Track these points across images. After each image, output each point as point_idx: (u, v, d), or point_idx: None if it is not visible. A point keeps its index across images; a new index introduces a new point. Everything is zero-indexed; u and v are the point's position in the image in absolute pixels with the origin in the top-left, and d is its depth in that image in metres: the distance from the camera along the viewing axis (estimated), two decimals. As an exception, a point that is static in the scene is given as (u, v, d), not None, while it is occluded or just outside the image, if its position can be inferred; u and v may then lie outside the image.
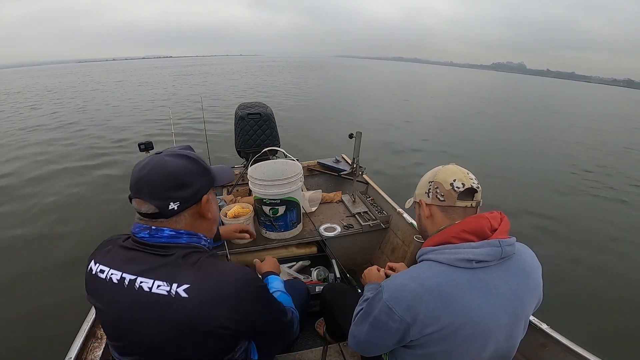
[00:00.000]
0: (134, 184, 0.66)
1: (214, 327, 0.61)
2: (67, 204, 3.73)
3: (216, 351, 0.66)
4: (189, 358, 0.64)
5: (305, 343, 1.49)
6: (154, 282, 0.62)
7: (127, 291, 0.62)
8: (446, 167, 0.79)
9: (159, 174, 0.64)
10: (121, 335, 0.66)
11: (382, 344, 0.75)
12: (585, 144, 7.64)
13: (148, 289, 0.61)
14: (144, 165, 0.66)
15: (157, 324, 0.61)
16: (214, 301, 0.61)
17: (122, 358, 0.68)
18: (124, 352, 0.67)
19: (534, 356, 1.05)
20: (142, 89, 16.50)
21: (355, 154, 2.05)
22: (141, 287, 0.62)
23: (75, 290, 2.20)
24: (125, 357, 0.67)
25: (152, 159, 0.67)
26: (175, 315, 0.60)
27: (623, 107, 19.72)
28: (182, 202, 0.66)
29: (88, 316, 1.07)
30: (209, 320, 0.61)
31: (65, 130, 7.36)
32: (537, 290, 0.74)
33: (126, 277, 0.63)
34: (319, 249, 1.85)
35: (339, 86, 19.33)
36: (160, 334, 0.61)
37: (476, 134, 8.06)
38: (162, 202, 0.64)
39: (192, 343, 0.62)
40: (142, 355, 0.65)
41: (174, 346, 0.62)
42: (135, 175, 0.66)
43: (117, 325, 0.66)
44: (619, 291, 2.54)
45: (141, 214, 0.67)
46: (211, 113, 8.90)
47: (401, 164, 5.36)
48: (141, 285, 0.62)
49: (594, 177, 5.33)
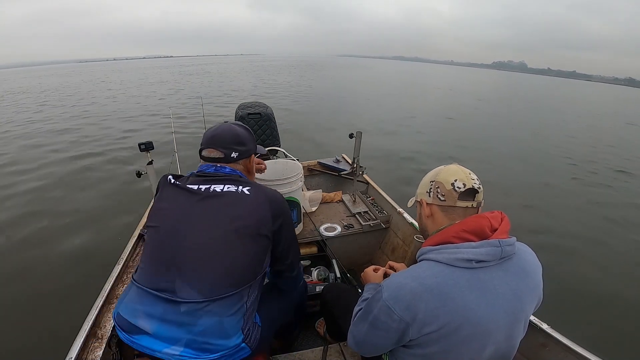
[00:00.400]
0: (208, 138, 0.95)
1: (260, 219, 0.84)
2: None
3: (251, 252, 0.84)
4: (231, 251, 0.81)
5: (306, 343, 1.49)
6: (225, 185, 0.87)
7: (202, 192, 0.85)
8: (448, 167, 0.79)
9: (228, 133, 0.96)
10: (176, 229, 0.83)
11: (381, 343, 0.75)
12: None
13: (220, 189, 0.86)
14: (216, 128, 0.97)
15: (218, 216, 0.83)
16: (264, 199, 0.88)
17: (156, 262, 0.82)
18: (166, 248, 0.82)
19: (534, 356, 1.04)
20: (145, 88, 16.52)
21: (356, 153, 2.05)
22: (214, 189, 0.86)
23: (76, 290, 2.21)
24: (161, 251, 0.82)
25: (223, 124, 0.99)
26: (235, 206, 0.84)
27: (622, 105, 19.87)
28: (239, 154, 0.95)
29: (88, 316, 1.08)
30: (256, 211, 0.85)
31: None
32: (537, 290, 0.74)
33: (202, 186, 0.87)
34: (319, 248, 1.85)
35: (339, 85, 19.36)
36: (218, 226, 0.82)
37: (481, 130, 8.16)
38: (227, 151, 0.93)
39: (240, 237, 0.82)
40: (189, 249, 0.80)
41: (221, 239, 0.81)
42: (210, 134, 0.96)
43: (178, 219, 0.84)
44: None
45: (210, 158, 0.94)
46: (211, 113, 8.90)
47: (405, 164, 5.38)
48: (214, 188, 0.87)
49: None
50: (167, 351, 0.77)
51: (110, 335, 1.04)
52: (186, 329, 0.78)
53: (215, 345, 0.79)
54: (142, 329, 0.78)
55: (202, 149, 0.95)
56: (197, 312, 0.78)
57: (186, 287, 0.78)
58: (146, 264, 0.85)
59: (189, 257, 0.80)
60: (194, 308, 0.78)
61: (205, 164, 0.94)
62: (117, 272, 1.30)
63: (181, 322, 0.78)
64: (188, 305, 0.77)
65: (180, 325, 0.78)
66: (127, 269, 1.36)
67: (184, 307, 0.78)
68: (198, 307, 0.78)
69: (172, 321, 0.78)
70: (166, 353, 0.77)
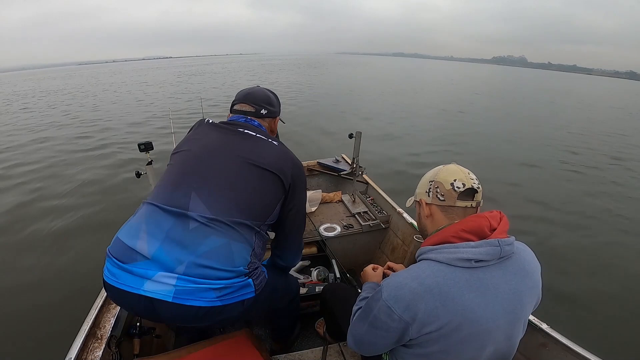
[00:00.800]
0: (243, 95, 1.06)
1: (281, 168, 0.90)
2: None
3: (267, 192, 0.89)
4: (249, 185, 0.86)
5: (305, 343, 1.50)
6: (255, 134, 0.95)
7: (235, 131, 0.95)
8: (447, 167, 0.79)
9: (260, 93, 1.08)
10: (204, 153, 0.89)
11: (381, 343, 0.75)
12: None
13: (251, 134, 0.95)
14: (250, 88, 1.09)
15: (245, 152, 0.89)
16: (288, 155, 0.97)
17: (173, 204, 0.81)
18: (192, 167, 0.87)
19: (534, 356, 1.04)
20: (146, 89, 16.51)
21: (355, 153, 2.05)
22: (247, 132, 0.95)
23: (76, 290, 2.21)
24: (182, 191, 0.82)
25: (256, 87, 1.11)
26: (263, 149, 0.92)
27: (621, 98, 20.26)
28: (268, 112, 1.06)
29: (88, 316, 1.07)
30: (280, 159, 0.92)
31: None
32: (535, 290, 0.74)
33: (235, 128, 0.96)
34: (319, 249, 1.85)
35: (340, 83, 19.39)
36: (243, 161, 0.87)
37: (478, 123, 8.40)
38: (258, 107, 1.04)
39: (260, 177, 0.88)
40: (212, 172, 0.85)
41: (243, 172, 0.86)
42: (244, 91, 1.08)
43: (207, 147, 0.90)
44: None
45: (241, 112, 1.04)
46: (210, 113, 8.90)
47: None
48: (247, 131, 0.95)
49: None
50: (160, 277, 0.72)
51: (110, 335, 1.04)
52: (190, 250, 0.75)
53: (219, 271, 0.76)
54: (140, 252, 0.75)
55: (235, 104, 1.07)
56: (205, 230, 0.77)
57: (200, 204, 0.79)
58: (165, 182, 0.87)
59: (210, 178, 0.84)
60: (203, 226, 0.77)
61: (236, 115, 1.04)
62: None
63: (186, 242, 0.76)
64: (198, 223, 0.77)
65: (185, 247, 0.75)
66: None
67: (194, 224, 0.77)
68: (207, 226, 0.77)
69: (177, 240, 0.76)
70: (158, 281, 0.72)
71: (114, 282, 0.76)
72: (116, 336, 1.06)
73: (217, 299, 0.76)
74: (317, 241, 1.84)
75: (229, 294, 0.77)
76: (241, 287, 0.80)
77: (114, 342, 1.03)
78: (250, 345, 1.09)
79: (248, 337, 1.13)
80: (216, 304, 0.76)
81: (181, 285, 0.73)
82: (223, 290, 0.76)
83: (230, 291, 0.78)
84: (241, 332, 1.14)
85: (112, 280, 0.76)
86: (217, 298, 0.76)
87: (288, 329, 1.37)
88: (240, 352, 1.06)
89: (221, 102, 10.93)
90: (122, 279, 0.75)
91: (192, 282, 0.73)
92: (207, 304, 0.75)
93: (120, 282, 0.75)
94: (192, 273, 0.74)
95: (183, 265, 0.74)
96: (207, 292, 0.74)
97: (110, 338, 1.03)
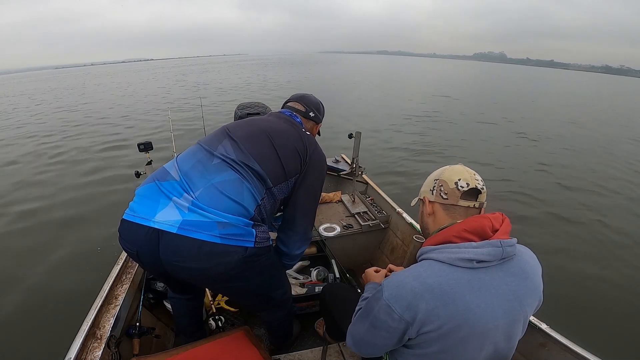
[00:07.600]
0: (298, 96, 1.22)
1: (307, 148, 1.02)
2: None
3: (289, 161, 0.98)
4: (274, 151, 0.96)
5: (305, 343, 1.49)
6: (292, 121, 1.10)
7: (275, 116, 1.11)
8: (453, 167, 0.80)
9: (313, 98, 1.24)
10: (237, 126, 1.02)
11: (381, 343, 0.74)
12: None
13: (288, 121, 1.09)
14: (303, 93, 1.25)
15: (280, 124, 1.04)
16: (315, 145, 1.07)
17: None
18: (234, 126, 1.02)
19: (533, 356, 1.05)
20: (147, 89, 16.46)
21: (355, 154, 2.05)
22: (286, 118, 1.10)
23: (75, 290, 2.20)
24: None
25: (308, 93, 1.26)
26: (295, 129, 1.05)
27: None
28: (314, 116, 1.21)
29: (87, 316, 1.07)
30: (307, 144, 1.03)
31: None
32: (536, 292, 0.74)
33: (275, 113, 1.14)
34: (319, 249, 1.85)
35: (328, 81, 19.45)
36: (272, 134, 0.99)
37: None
38: (307, 108, 1.19)
39: (284, 145, 0.98)
40: (249, 131, 0.99)
41: (272, 139, 0.97)
42: (300, 94, 1.24)
43: (242, 122, 1.04)
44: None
45: (292, 108, 1.17)
46: (210, 113, 8.88)
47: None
48: (286, 117, 1.10)
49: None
50: (177, 201, 0.84)
51: (110, 335, 1.04)
52: (208, 178, 0.88)
53: (228, 199, 0.85)
54: (172, 176, 0.90)
55: (289, 102, 1.21)
56: (224, 166, 0.91)
57: (227, 147, 0.94)
58: (213, 132, 1.04)
59: (243, 136, 0.97)
60: (224, 163, 0.91)
61: (285, 109, 1.18)
62: (116, 272, 1.30)
63: (207, 172, 0.89)
64: (220, 160, 0.92)
65: (204, 176, 0.88)
66: (126, 269, 1.36)
67: (216, 160, 0.92)
68: (227, 163, 0.91)
69: (200, 170, 0.90)
70: (171, 209, 0.83)
71: (130, 216, 0.86)
72: (115, 336, 1.05)
73: (219, 236, 0.82)
74: (317, 241, 1.84)
75: (231, 235, 0.84)
76: (244, 232, 0.87)
77: (114, 342, 1.03)
78: (250, 344, 1.09)
79: (247, 336, 1.12)
80: (217, 241, 0.82)
81: (189, 218, 0.82)
82: (227, 227, 0.83)
83: (232, 232, 0.84)
84: (240, 331, 1.14)
85: (128, 216, 0.87)
86: (220, 235, 0.82)
87: (285, 335, 1.38)
88: (239, 351, 1.06)
89: (219, 102, 10.89)
90: (138, 211, 0.86)
91: (200, 214, 0.82)
92: (209, 238, 0.81)
93: (136, 215, 0.85)
94: (205, 197, 0.85)
95: (199, 190, 0.86)
96: (211, 226, 0.82)
97: (109, 338, 1.03)
